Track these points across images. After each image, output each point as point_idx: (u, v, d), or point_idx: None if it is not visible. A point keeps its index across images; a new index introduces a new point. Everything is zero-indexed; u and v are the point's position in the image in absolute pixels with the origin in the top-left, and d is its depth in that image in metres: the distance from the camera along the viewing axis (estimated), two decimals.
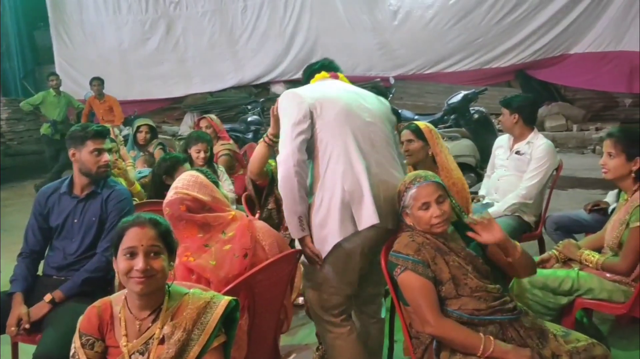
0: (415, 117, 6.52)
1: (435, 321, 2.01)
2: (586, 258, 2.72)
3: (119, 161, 4.26)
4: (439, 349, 2.06)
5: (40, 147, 8.98)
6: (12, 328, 2.48)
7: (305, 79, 2.67)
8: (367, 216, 2.24)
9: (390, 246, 2.25)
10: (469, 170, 5.45)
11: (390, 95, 6.72)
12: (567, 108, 9.22)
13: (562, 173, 3.97)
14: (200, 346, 1.70)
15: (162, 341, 1.70)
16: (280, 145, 2.36)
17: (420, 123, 3.30)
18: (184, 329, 1.70)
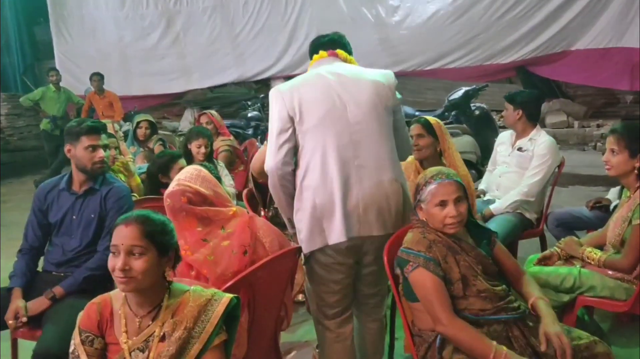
0: (416, 113, 6.50)
1: (448, 321, 1.97)
2: (588, 256, 2.71)
3: (120, 157, 4.25)
4: (442, 347, 2.04)
5: (40, 142, 8.96)
6: (9, 321, 2.47)
7: (310, 53, 2.56)
8: (335, 233, 2.22)
9: (395, 242, 2.23)
10: (470, 167, 5.41)
11: None
12: (568, 105, 9.19)
13: (564, 170, 3.95)
14: (201, 344, 1.69)
15: (162, 338, 1.69)
16: (267, 151, 2.33)
17: (430, 118, 3.26)
18: (184, 327, 1.69)
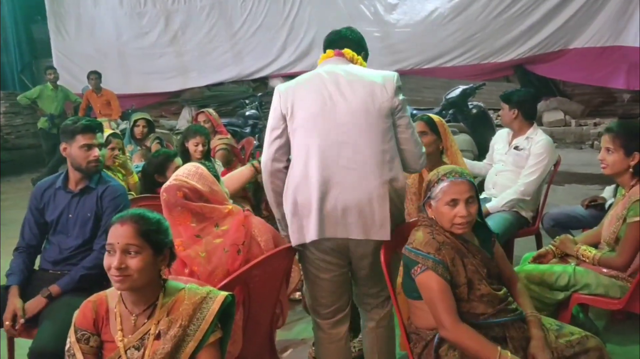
0: (414, 111, 6.51)
1: (452, 326, 1.95)
2: (583, 254, 2.72)
3: (120, 156, 4.22)
4: (439, 345, 2.04)
5: (38, 141, 8.96)
6: (7, 323, 2.47)
7: (324, 47, 2.57)
8: (311, 232, 2.23)
9: (393, 240, 2.23)
10: None
11: None
12: (565, 104, 9.20)
13: (560, 169, 3.95)
14: (196, 342, 1.70)
15: (158, 336, 1.70)
16: (264, 145, 2.39)
17: (433, 116, 3.25)
18: (180, 324, 1.70)
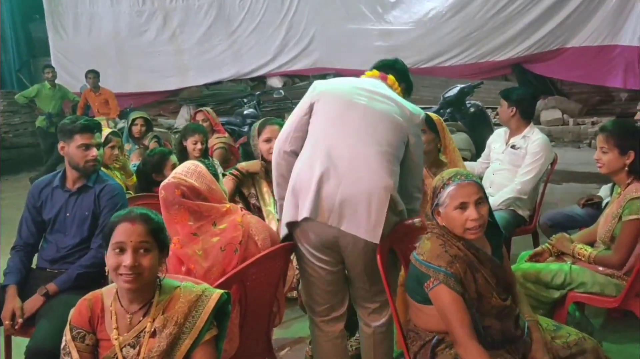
0: None
1: (465, 342, 1.87)
2: (579, 252, 2.73)
3: (121, 157, 4.22)
4: (437, 344, 2.03)
5: (36, 139, 8.93)
6: (6, 322, 2.48)
7: (372, 67, 2.68)
8: (304, 209, 2.21)
9: (393, 241, 2.23)
10: None
11: None
12: (563, 102, 9.21)
13: (558, 167, 3.97)
14: (192, 340, 1.71)
15: (153, 334, 1.71)
16: (283, 127, 2.47)
17: (431, 114, 3.25)
18: (175, 322, 1.70)
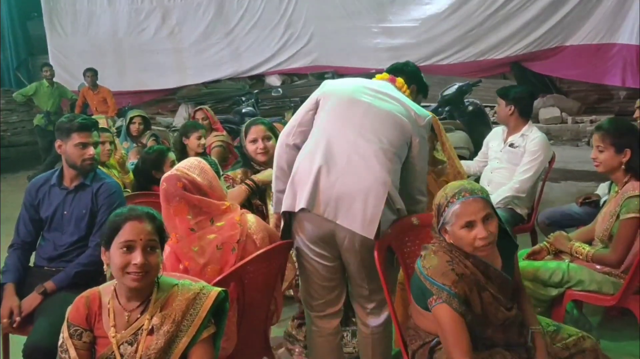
0: None
1: None
2: (576, 250, 2.74)
3: (117, 152, 4.22)
4: (436, 345, 2.03)
5: (34, 138, 8.92)
6: (4, 320, 2.48)
7: (385, 70, 2.72)
8: (302, 200, 2.23)
9: (391, 238, 2.22)
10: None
11: None
12: (561, 101, 9.21)
13: (556, 166, 3.97)
14: (190, 337, 1.71)
15: (151, 332, 1.71)
16: (289, 121, 2.51)
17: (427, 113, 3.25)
18: (173, 320, 1.70)
